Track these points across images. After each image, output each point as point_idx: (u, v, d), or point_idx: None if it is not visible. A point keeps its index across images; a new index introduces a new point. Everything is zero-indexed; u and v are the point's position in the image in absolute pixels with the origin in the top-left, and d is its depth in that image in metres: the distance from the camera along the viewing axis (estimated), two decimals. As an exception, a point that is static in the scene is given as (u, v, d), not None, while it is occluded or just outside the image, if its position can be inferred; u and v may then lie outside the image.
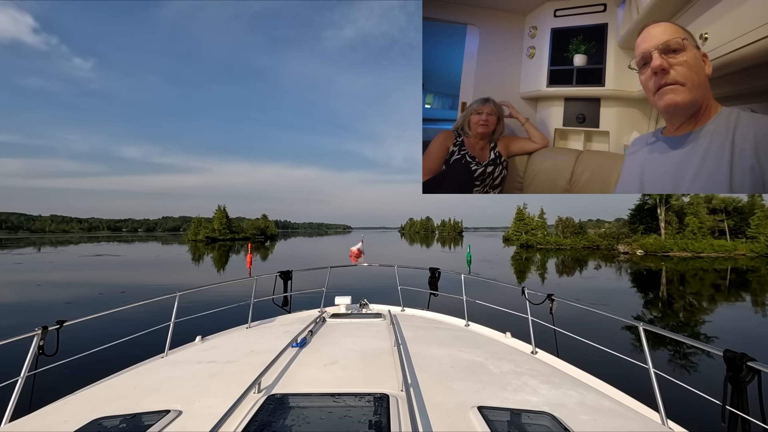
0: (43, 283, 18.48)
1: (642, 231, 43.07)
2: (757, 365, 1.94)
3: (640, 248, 37.87)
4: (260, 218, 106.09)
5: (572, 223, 52.60)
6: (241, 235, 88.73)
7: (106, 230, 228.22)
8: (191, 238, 78.37)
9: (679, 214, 41.36)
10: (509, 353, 3.39)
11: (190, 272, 24.90)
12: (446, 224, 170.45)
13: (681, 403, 2.99)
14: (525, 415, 2.05)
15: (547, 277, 21.78)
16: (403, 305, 5.49)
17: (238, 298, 5.35)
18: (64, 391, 2.60)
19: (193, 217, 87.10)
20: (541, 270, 25.33)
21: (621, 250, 39.33)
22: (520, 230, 57.89)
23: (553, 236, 51.78)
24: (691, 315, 12.45)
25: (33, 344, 2.57)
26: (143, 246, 61.79)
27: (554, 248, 46.35)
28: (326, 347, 3.24)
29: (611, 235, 46.57)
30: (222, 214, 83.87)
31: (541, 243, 50.06)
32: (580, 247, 45.41)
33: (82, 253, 41.28)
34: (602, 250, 42.66)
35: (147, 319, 4.43)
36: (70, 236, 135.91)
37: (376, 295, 6.03)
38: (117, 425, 1.95)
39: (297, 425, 1.81)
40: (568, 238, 49.54)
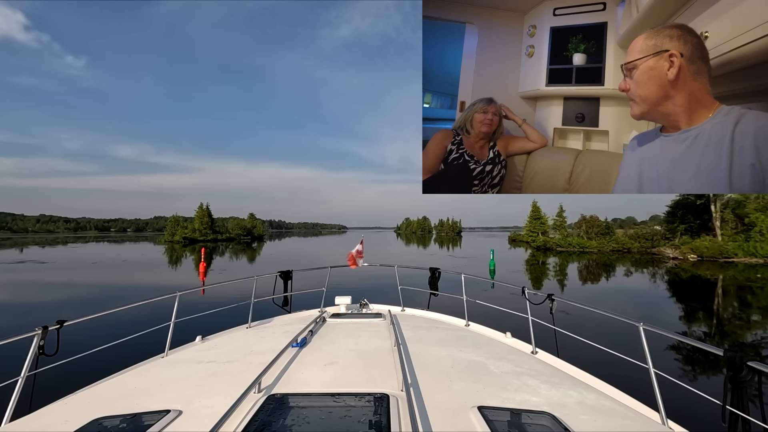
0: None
1: (682, 231, 35.77)
2: (758, 365, 1.93)
3: (692, 253, 30.26)
4: (247, 217, 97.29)
5: (598, 223, 44.43)
6: (225, 235, 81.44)
7: (93, 230, 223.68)
8: (167, 239, 69.92)
9: (735, 212, 33.48)
10: (509, 353, 3.39)
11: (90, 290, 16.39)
12: (444, 224, 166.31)
13: (681, 403, 2.99)
14: (525, 415, 2.04)
15: (595, 289, 16.30)
16: (403, 305, 5.49)
17: (238, 298, 5.35)
18: (64, 391, 2.61)
19: (178, 217, 77.38)
20: (579, 279, 19.50)
21: (669, 254, 31.74)
22: (536, 230, 51.75)
23: (574, 237, 44.48)
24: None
25: (33, 344, 2.57)
26: (108, 247, 54.40)
27: (577, 251, 39.39)
28: (326, 347, 3.24)
29: (644, 236, 39.26)
30: (203, 212, 76.17)
31: (561, 245, 42.61)
32: (608, 250, 38.41)
33: (11, 259, 32.86)
34: (634, 253, 35.62)
35: (147, 319, 4.44)
36: (55, 236, 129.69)
37: (376, 295, 6.03)
38: (117, 425, 1.95)
39: (297, 425, 1.81)
40: (593, 239, 42.03)
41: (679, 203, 38.23)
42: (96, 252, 45.13)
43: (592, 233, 43.72)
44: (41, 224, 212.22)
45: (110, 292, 15.84)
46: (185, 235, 70.83)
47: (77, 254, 41.13)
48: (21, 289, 17.04)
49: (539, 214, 53.17)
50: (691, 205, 36.76)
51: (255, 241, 76.61)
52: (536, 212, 53.35)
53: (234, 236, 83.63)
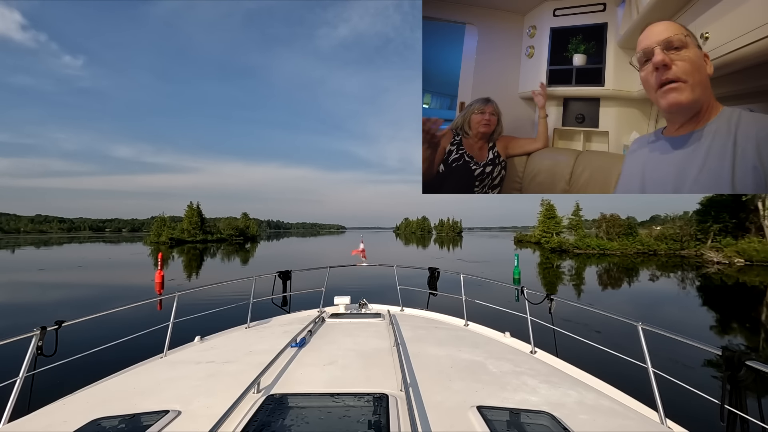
0: None
1: (716, 232, 32.29)
2: (756, 364, 1.94)
3: (737, 256, 27.04)
4: (240, 217, 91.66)
5: (619, 222, 40.33)
6: (216, 236, 77.13)
7: (87, 230, 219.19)
8: (153, 240, 65.75)
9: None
10: (508, 353, 3.39)
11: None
12: (444, 224, 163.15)
13: (680, 402, 2.99)
14: (524, 415, 2.05)
15: (641, 300, 13.80)
16: (402, 305, 5.49)
17: (237, 298, 5.34)
18: (63, 391, 2.60)
19: (165, 217, 72.57)
20: (613, 287, 16.94)
21: (713, 258, 28.04)
22: (549, 230, 47.30)
23: (593, 238, 40.43)
24: None
25: (31, 345, 2.56)
26: (91, 248, 50.88)
27: (597, 253, 35.99)
28: (325, 347, 3.23)
29: (672, 237, 35.61)
30: (193, 212, 71.81)
31: (579, 247, 38.97)
32: (632, 252, 34.97)
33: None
34: (661, 256, 32.06)
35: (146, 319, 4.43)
36: (48, 237, 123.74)
37: (375, 295, 6.04)
38: (116, 425, 1.94)
39: (296, 425, 1.81)
40: (614, 240, 38.42)
41: (713, 200, 34.01)
42: (74, 253, 42.40)
43: (613, 233, 39.48)
44: (34, 224, 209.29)
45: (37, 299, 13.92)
46: (172, 236, 67.22)
47: (51, 256, 38.46)
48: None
49: (553, 213, 48.62)
50: (725, 202, 32.83)
51: (248, 242, 72.89)
52: (550, 211, 48.74)
53: (225, 237, 79.95)
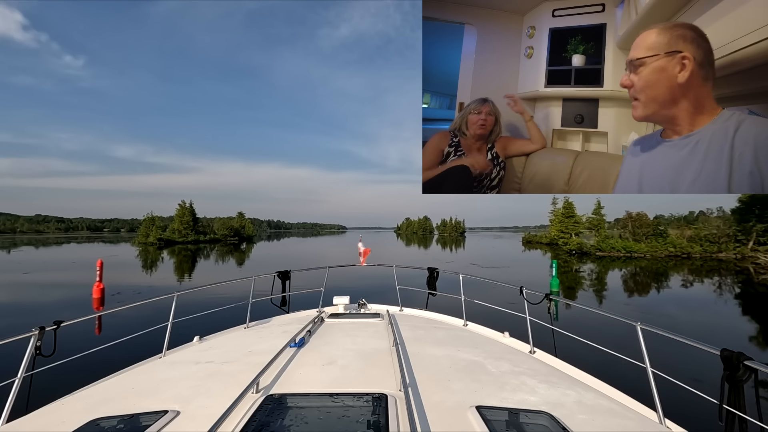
0: None
1: (759, 232, 29.34)
2: (754, 364, 1.95)
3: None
4: (234, 217, 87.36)
5: (647, 222, 36.78)
6: (209, 236, 73.01)
7: (85, 230, 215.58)
8: (141, 241, 61.76)
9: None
10: (507, 353, 3.39)
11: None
12: (447, 224, 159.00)
13: (678, 402, 3.00)
14: (523, 415, 2.05)
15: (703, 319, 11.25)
16: (401, 305, 5.49)
17: (237, 298, 5.34)
18: (61, 391, 2.60)
19: (154, 216, 66.40)
20: (668, 299, 14.35)
21: (763, 262, 24.65)
22: (568, 231, 43.08)
23: (617, 240, 36.57)
24: None
25: (30, 345, 2.56)
26: (64, 248, 48.53)
27: (623, 256, 32.16)
28: (324, 347, 3.23)
29: (709, 237, 32.39)
30: (184, 211, 67.74)
31: (602, 249, 34.95)
32: (662, 255, 31.50)
33: None
34: (696, 260, 28.90)
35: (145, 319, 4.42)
36: (45, 237, 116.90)
37: (375, 295, 6.03)
38: (115, 426, 1.94)
39: (295, 425, 1.81)
40: (641, 241, 34.85)
41: (756, 198, 29.80)
42: (57, 254, 40.28)
43: (639, 234, 35.93)
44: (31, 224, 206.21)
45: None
46: (161, 236, 63.36)
47: (35, 256, 36.88)
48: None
49: (572, 212, 44.17)
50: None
51: (243, 243, 69.14)
52: (569, 209, 44.32)
53: (219, 237, 75.96)
